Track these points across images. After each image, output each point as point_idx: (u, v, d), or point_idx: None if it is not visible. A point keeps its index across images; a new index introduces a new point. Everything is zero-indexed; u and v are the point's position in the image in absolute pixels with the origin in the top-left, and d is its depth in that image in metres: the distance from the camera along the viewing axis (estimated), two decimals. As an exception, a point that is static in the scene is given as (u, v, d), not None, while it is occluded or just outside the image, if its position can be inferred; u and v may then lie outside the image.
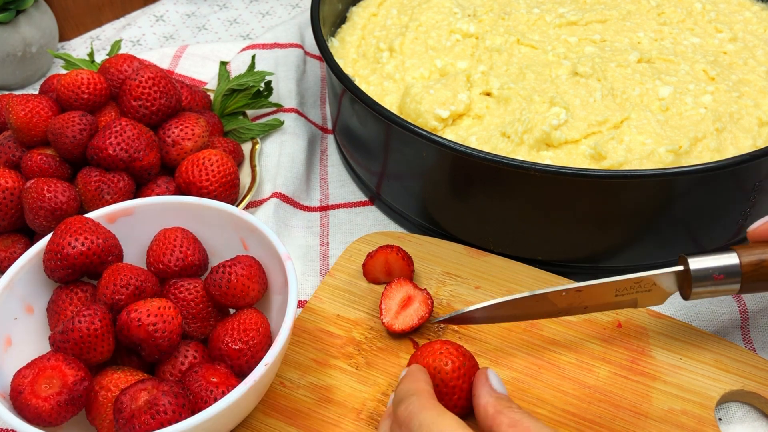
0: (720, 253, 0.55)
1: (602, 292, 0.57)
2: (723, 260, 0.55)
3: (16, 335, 0.58)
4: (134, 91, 0.72)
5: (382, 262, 0.67)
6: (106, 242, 0.59)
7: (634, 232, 0.68)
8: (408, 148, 0.69)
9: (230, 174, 0.72)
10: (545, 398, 0.60)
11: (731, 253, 0.55)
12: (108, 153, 0.68)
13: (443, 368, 0.55)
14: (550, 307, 0.57)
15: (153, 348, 0.55)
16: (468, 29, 0.83)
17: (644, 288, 0.57)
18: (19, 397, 0.51)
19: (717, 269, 0.55)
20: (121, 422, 0.51)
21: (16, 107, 0.71)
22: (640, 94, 0.73)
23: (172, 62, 0.98)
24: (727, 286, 0.55)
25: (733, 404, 0.62)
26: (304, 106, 0.92)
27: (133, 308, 0.55)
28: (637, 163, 0.66)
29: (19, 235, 0.70)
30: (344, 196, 0.82)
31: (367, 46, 0.85)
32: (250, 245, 0.63)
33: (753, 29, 0.83)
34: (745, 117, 0.72)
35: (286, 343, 0.55)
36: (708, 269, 0.55)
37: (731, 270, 0.54)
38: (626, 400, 0.60)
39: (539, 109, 0.70)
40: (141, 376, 0.55)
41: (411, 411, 0.49)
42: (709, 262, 0.55)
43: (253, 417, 0.59)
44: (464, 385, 0.55)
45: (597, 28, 0.83)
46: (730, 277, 0.55)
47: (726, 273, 0.54)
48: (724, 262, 0.55)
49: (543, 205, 0.66)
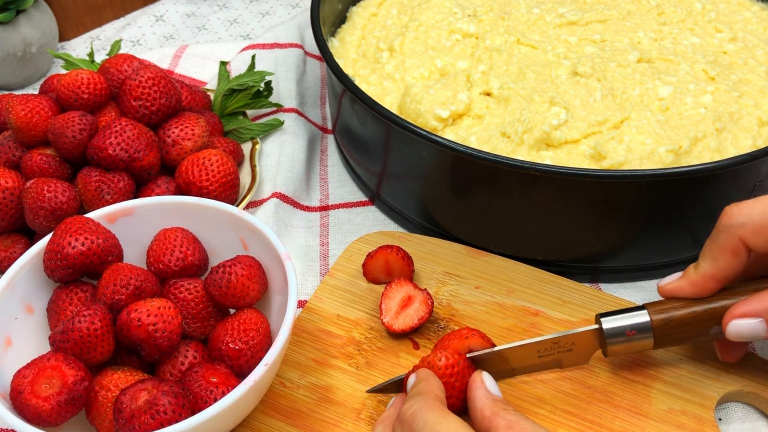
0: (633, 311, 0.57)
1: (525, 354, 0.58)
2: (635, 318, 0.57)
3: (16, 335, 0.58)
4: (134, 91, 0.72)
5: (382, 262, 0.67)
6: (106, 242, 0.59)
7: (634, 232, 0.68)
8: (408, 148, 0.69)
9: (230, 174, 0.72)
10: (545, 398, 0.60)
11: (642, 311, 0.57)
12: (108, 153, 0.68)
13: (436, 363, 0.55)
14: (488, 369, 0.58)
15: (153, 348, 0.55)
16: (468, 29, 0.83)
17: (565, 348, 0.58)
18: (19, 397, 0.51)
19: (629, 327, 0.57)
20: (121, 422, 0.51)
21: (16, 107, 0.71)
22: (640, 94, 0.73)
23: (172, 62, 0.98)
24: (641, 341, 0.57)
25: (733, 404, 0.62)
26: (304, 106, 0.92)
27: (133, 308, 0.55)
28: (637, 163, 0.66)
29: (19, 235, 0.70)
30: (344, 196, 0.82)
31: (367, 46, 0.85)
32: (250, 245, 0.63)
33: (753, 29, 0.83)
34: (745, 117, 0.72)
35: (286, 343, 0.55)
36: (620, 327, 0.57)
37: (643, 327, 0.56)
38: (626, 400, 0.60)
39: (539, 109, 0.70)
40: (141, 376, 0.55)
41: (415, 410, 0.49)
42: (621, 321, 0.57)
43: (253, 417, 0.59)
44: (457, 383, 0.55)
45: (597, 28, 0.83)
46: (642, 333, 0.56)
47: (638, 329, 0.56)
48: (635, 320, 0.57)
49: (543, 205, 0.66)
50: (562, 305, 0.67)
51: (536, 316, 0.66)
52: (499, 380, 0.59)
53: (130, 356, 0.58)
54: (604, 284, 0.72)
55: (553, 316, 0.66)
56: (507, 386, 0.61)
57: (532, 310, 0.66)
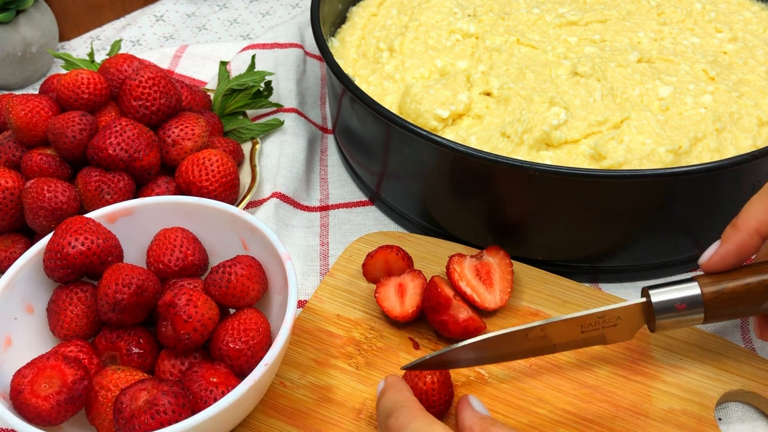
0: (683, 284, 0.55)
1: (568, 330, 0.56)
2: (685, 291, 0.55)
3: (16, 335, 0.58)
4: (134, 91, 0.72)
5: (382, 262, 0.67)
6: (106, 242, 0.59)
7: (634, 232, 0.68)
8: (408, 148, 0.69)
9: (230, 174, 0.72)
10: (545, 398, 0.60)
11: (693, 283, 0.55)
12: (108, 153, 0.68)
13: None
14: (518, 347, 0.57)
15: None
16: (468, 29, 0.83)
17: (610, 323, 0.56)
18: (19, 396, 0.51)
19: (679, 300, 0.55)
20: (121, 422, 0.51)
21: (16, 107, 0.71)
22: (640, 94, 0.73)
23: (172, 62, 0.98)
24: (691, 316, 0.55)
25: (733, 404, 0.62)
26: (304, 106, 0.92)
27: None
28: (637, 163, 0.66)
29: (19, 235, 0.70)
30: (344, 196, 0.82)
31: (367, 46, 0.85)
32: (250, 245, 0.63)
33: (753, 29, 0.83)
34: (745, 117, 0.72)
35: (286, 343, 0.55)
36: (670, 300, 0.55)
37: (693, 300, 0.55)
38: (626, 400, 0.60)
39: (539, 109, 0.70)
40: (141, 376, 0.55)
41: (401, 422, 0.50)
42: (671, 294, 0.55)
43: (253, 417, 0.59)
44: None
45: (597, 28, 0.83)
46: (693, 307, 0.55)
47: (688, 303, 0.55)
48: (685, 293, 0.55)
49: (543, 205, 0.66)
50: (562, 305, 0.67)
51: (536, 316, 0.66)
52: (538, 356, 0.58)
53: (130, 356, 0.58)
54: (604, 284, 0.72)
55: (553, 316, 0.66)
56: (507, 386, 0.61)
57: (531, 310, 0.66)
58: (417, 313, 0.64)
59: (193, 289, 0.57)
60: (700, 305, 0.54)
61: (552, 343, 0.57)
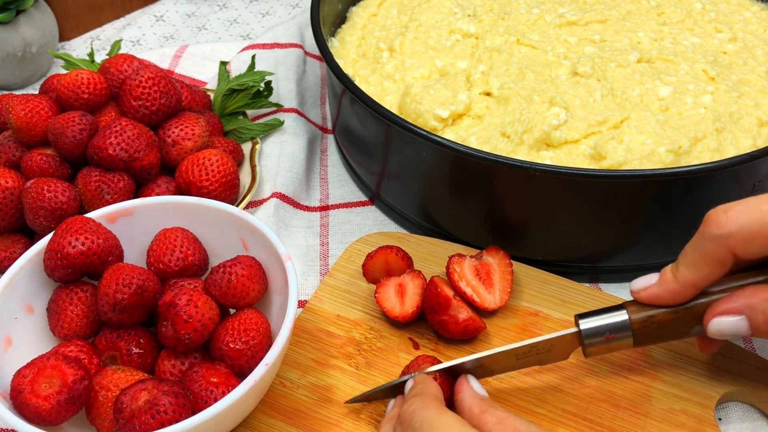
0: (612, 312, 0.56)
1: (503, 359, 0.57)
2: (613, 318, 0.55)
3: (16, 335, 0.58)
4: (134, 91, 0.72)
5: (381, 262, 0.67)
6: (106, 242, 0.59)
7: (633, 232, 0.68)
8: (408, 148, 0.69)
9: (230, 174, 0.72)
10: (545, 398, 0.60)
11: (621, 311, 0.55)
12: (108, 153, 0.68)
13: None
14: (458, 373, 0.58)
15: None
16: (468, 29, 0.83)
17: (543, 350, 0.57)
18: (19, 396, 0.51)
19: (607, 328, 0.55)
20: (121, 422, 0.51)
21: (16, 107, 0.71)
22: (640, 94, 0.73)
23: (172, 62, 0.98)
24: (621, 341, 0.56)
25: (733, 404, 0.62)
26: (304, 106, 0.92)
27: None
28: (637, 163, 0.66)
29: (19, 235, 0.70)
30: (344, 196, 0.82)
31: (367, 46, 0.85)
32: (251, 245, 0.63)
33: (753, 29, 0.83)
34: (745, 117, 0.72)
35: (287, 343, 0.55)
36: (599, 328, 0.56)
37: (621, 327, 0.55)
38: (626, 400, 0.60)
39: (539, 109, 0.70)
40: (141, 376, 0.55)
41: (414, 409, 0.50)
42: (599, 321, 0.56)
43: (253, 417, 0.59)
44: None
45: (597, 28, 0.83)
46: (621, 333, 0.55)
47: (617, 331, 0.55)
48: (614, 320, 0.55)
49: (543, 205, 0.66)
50: (562, 305, 0.67)
51: (536, 316, 0.66)
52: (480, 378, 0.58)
53: (130, 356, 0.58)
54: (604, 284, 0.72)
55: (552, 315, 0.66)
56: (507, 386, 0.61)
57: (531, 310, 0.66)
58: (417, 314, 0.64)
59: (194, 289, 0.57)
60: (628, 330, 0.55)
61: (489, 369, 0.58)
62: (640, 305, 0.55)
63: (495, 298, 0.65)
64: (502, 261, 0.66)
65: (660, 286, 0.54)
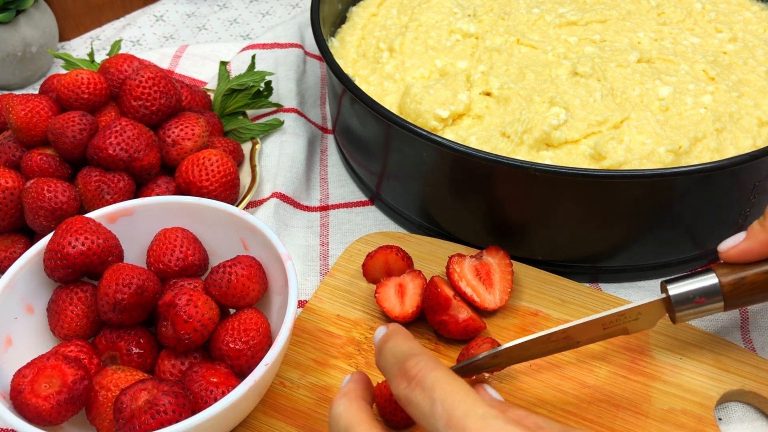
0: (700, 275, 0.55)
1: (590, 329, 0.57)
2: (702, 282, 0.55)
3: (16, 335, 0.58)
4: (134, 91, 0.72)
5: (381, 262, 0.67)
6: (106, 242, 0.59)
7: (634, 232, 0.68)
8: (408, 148, 0.69)
9: (230, 174, 0.72)
10: (545, 398, 0.60)
11: (710, 274, 0.55)
12: (108, 153, 0.68)
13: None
14: (542, 349, 0.57)
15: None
16: (468, 29, 0.83)
17: (630, 318, 0.57)
18: (19, 396, 0.51)
19: (697, 293, 0.55)
20: (121, 422, 0.51)
21: (16, 107, 0.71)
22: (639, 94, 0.73)
23: (172, 62, 0.98)
24: (711, 306, 0.55)
25: (733, 404, 0.62)
26: (304, 106, 0.92)
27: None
28: (637, 163, 0.66)
29: (19, 235, 0.70)
30: (344, 196, 0.82)
31: (367, 46, 0.85)
32: (251, 245, 0.63)
33: (753, 29, 0.83)
34: (745, 117, 0.72)
35: (287, 343, 0.55)
36: (688, 293, 0.55)
37: (712, 291, 0.55)
38: (626, 400, 0.60)
39: (539, 109, 0.70)
40: (141, 375, 0.55)
41: (422, 368, 0.46)
42: (688, 286, 0.55)
43: (253, 417, 0.59)
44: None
45: (597, 28, 0.83)
46: (712, 298, 0.55)
47: (707, 295, 0.55)
48: (703, 284, 0.55)
49: (543, 205, 0.66)
50: (562, 305, 0.67)
51: (536, 316, 0.66)
52: (563, 351, 0.58)
53: (130, 356, 0.58)
54: (604, 284, 0.72)
55: (552, 315, 0.66)
56: (507, 386, 0.61)
57: (531, 310, 0.66)
58: (417, 314, 0.64)
59: (194, 289, 0.57)
60: (719, 295, 0.54)
61: (575, 340, 0.57)
62: (729, 267, 0.54)
63: (495, 298, 0.65)
64: (502, 261, 0.66)
65: (749, 240, 0.53)
